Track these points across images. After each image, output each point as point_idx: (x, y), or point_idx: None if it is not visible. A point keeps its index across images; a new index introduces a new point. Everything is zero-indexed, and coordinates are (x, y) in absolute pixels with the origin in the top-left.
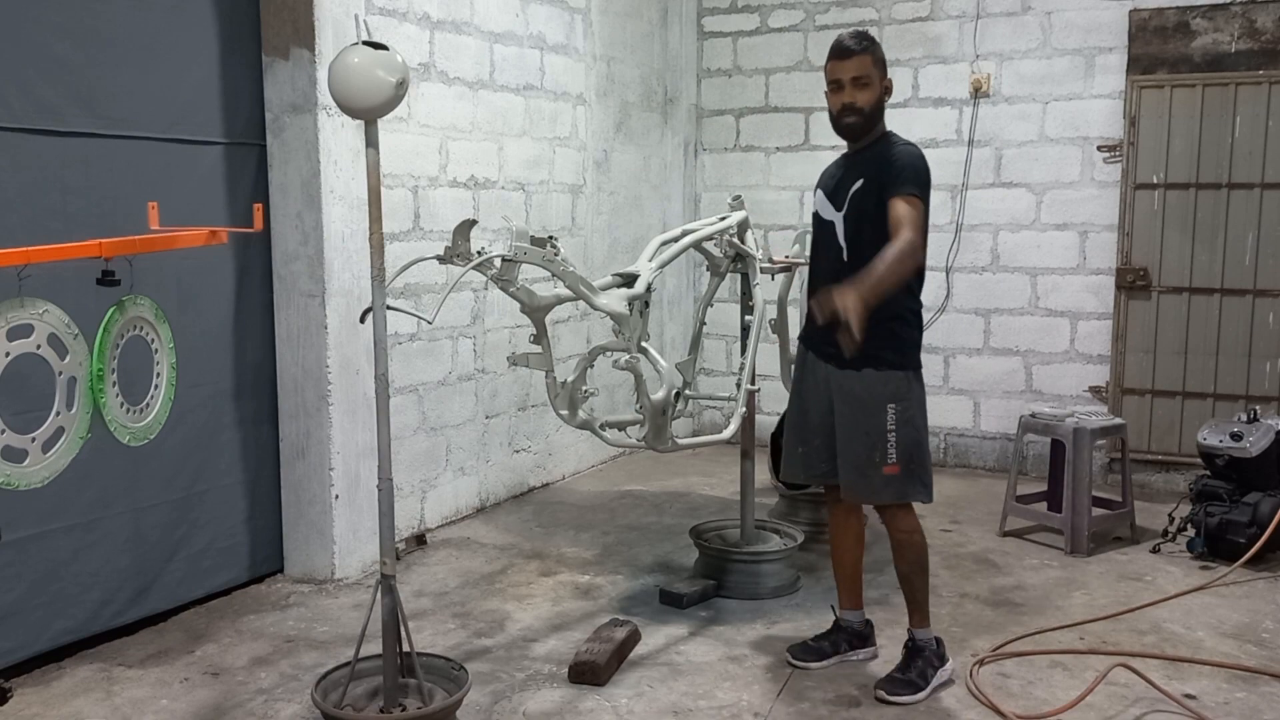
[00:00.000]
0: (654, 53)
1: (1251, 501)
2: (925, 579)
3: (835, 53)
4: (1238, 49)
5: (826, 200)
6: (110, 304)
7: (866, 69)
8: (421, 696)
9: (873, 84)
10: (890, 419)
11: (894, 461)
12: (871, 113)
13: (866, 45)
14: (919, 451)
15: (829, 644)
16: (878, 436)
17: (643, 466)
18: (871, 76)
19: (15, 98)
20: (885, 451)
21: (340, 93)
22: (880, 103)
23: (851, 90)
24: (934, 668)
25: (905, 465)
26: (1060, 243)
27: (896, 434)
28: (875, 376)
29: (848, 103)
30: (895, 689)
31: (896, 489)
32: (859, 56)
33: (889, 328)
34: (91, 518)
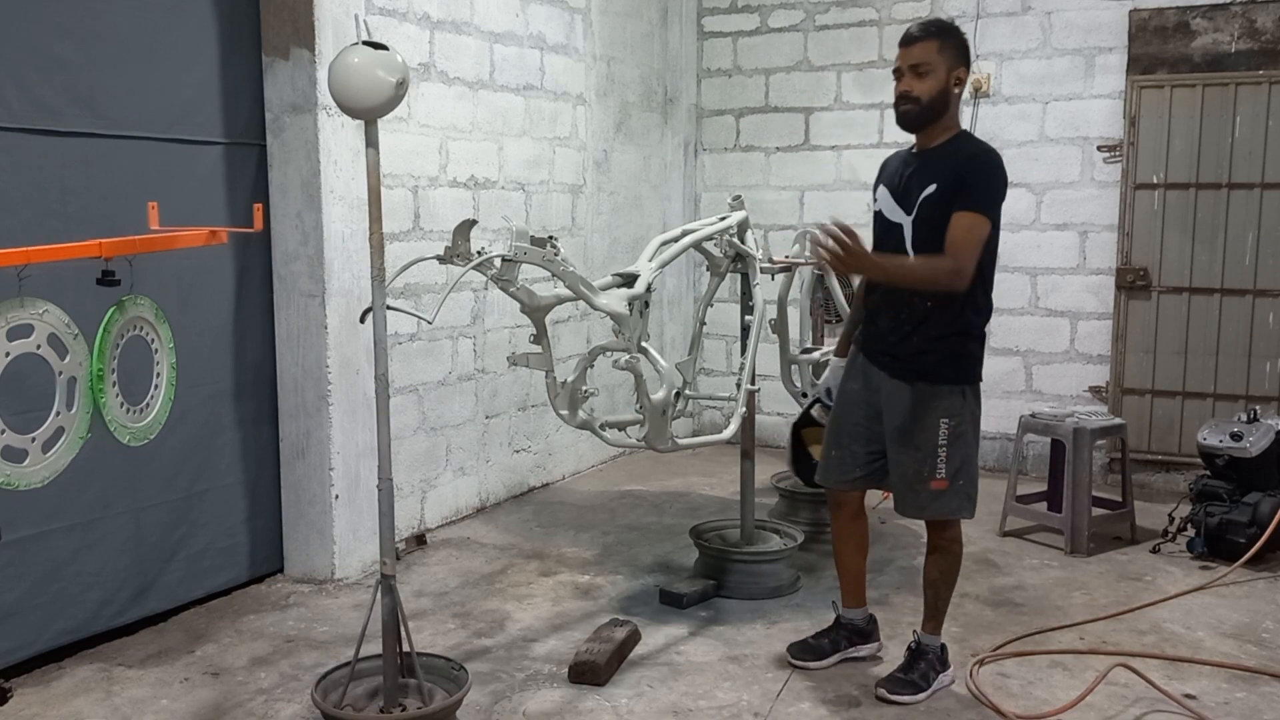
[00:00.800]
0: (654, 53)
1: (1251, 501)
2: (951, 590)
3: (901, 40)
4: (1238, 49)
5: (894, 201)
6: (110, 304)
7: (929, 56)
8: (421, 696)
9: (936, 73)
10: (943, 434)
11: (942, 476)
12: (931, 104)
13: (934, 32)
14: (968, 468)
15: (829, 642)
16: (928, 451)
17: (643, 466)
18: (935, 65)
19: (15, 98)
20: (935, 466)
21: (340, 93)
22: (946, 95)
23: (910, 78)
24: (936, 671)
25: (953, 481)
26: (1060, 243)
27: (948, 449)
28: (929, 390)
29: (904, 91)
30: (897, 688)
31: (943, 504)
32: (922, 43)
33: (949, 343)
34: (91, 518)
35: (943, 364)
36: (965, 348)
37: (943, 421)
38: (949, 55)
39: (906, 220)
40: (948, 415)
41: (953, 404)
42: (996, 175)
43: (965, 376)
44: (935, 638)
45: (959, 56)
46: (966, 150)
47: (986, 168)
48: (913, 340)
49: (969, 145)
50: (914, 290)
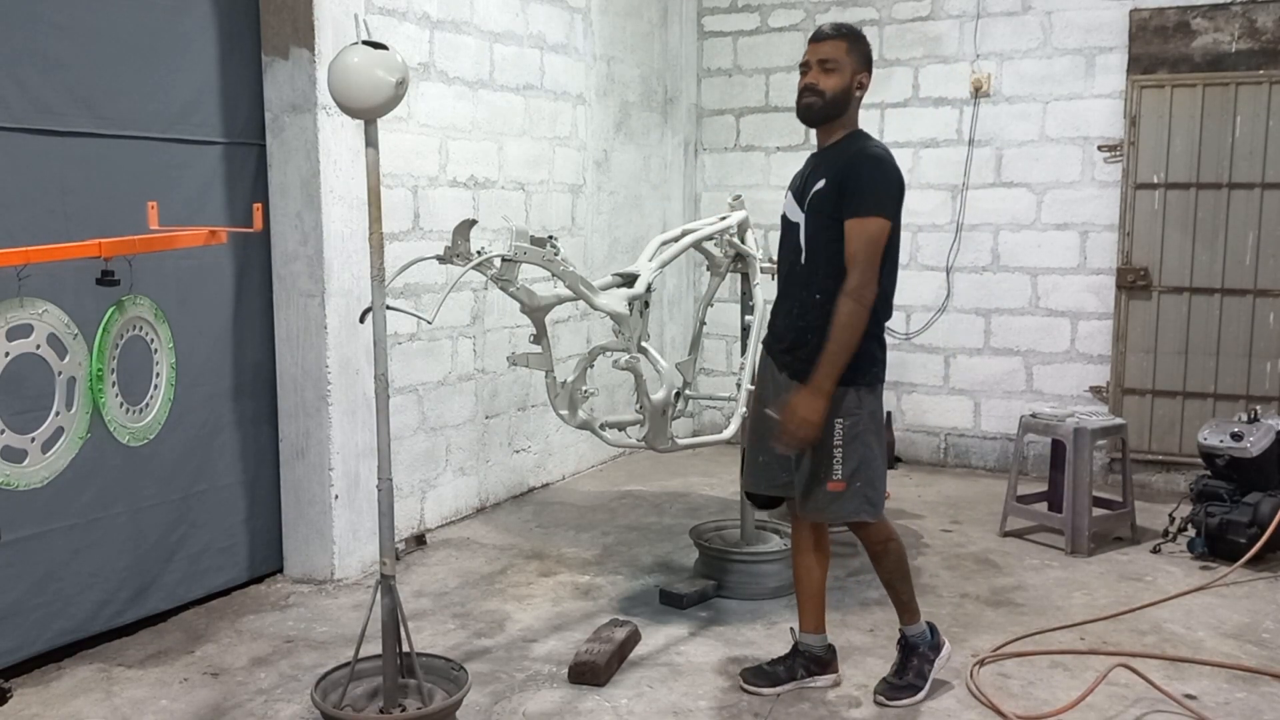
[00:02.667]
0: (654, 52)
1: (1252, 502)
2: (908, 581)
3: (811, 37)
4: (1238, 49)
5: (794, 201)
6: (110, 304)
7: (838, 55)
8: (421, 697)
9: (841, 71)
10: (838, 435)
11: (839, 478)
12: (833, 99)
13: (845, 33)
14: (866, 469)
15: (784, 669)
16: (824, 452)
17: (643, 466)
18: (841, 64)
19: (15, 98)
20: (830, 467)
21: (340, 93)
22: (847, 94)
23: (817, 72)
24: (929, 661)
25: (850, 482)
26: (1061, 243)
27: (844, 450)
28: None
29: (810, 83)
30: (895, 694)
31: (840, 507)
32: (832, 41)
33: None
34: (91, 518)
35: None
36: (862, 347)
37: (837, 422)
38: (855, 58)
39: (802, 217)
40: (842, 415)
41: (848, 404)
42: (881, 172)
43: (861, 377)
44: (917, 624)
45: (864, 62)
46: (853, 147)
47: (871, 167)
48: (809, 340)
49: (857, 142)
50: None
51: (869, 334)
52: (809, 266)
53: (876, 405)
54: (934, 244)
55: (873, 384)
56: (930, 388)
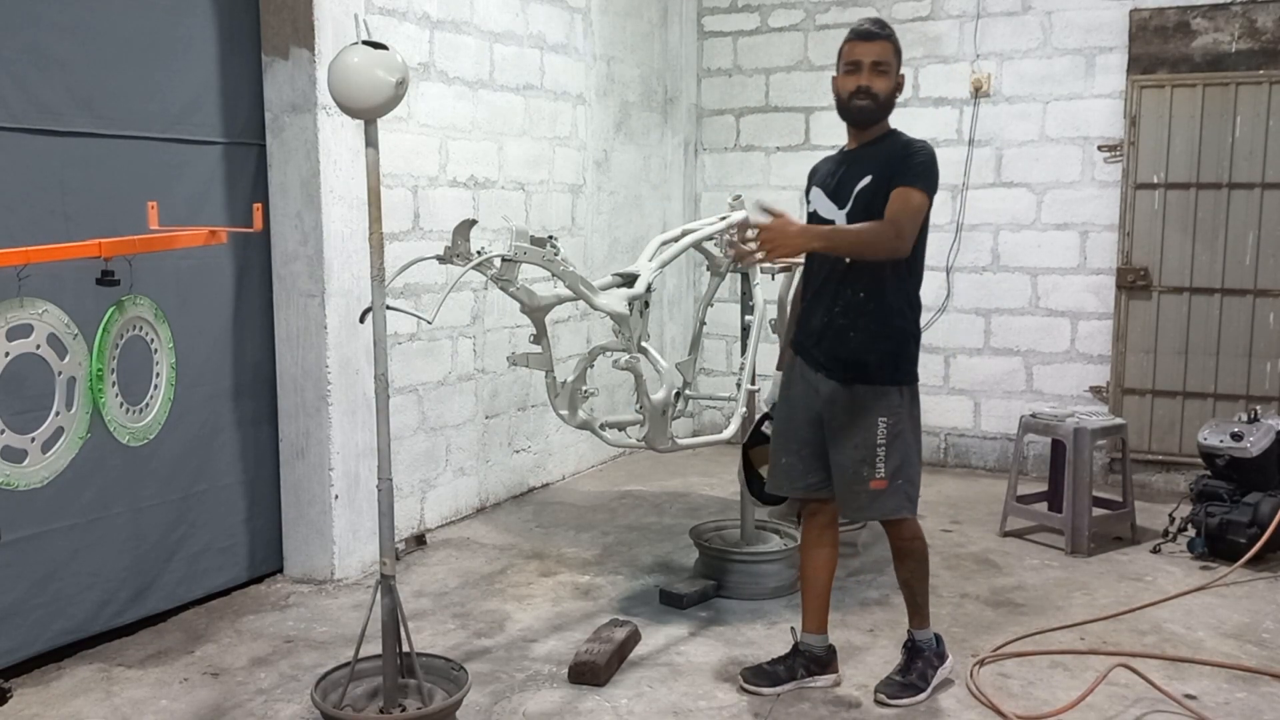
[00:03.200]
0: (654, 52)
1: (1252, 502)
2: (926, 583)
3: (857, 35)
4: (1238, 49)
5: (827, 198)
6: (110, 304)
7: (888, 56)
8: (421, 697)
9: (890, 73)
10: (881, 434)
11: (881, 476)
12: (885, 102)
13: (890, 34)
14: (907, 467)
15: (784, 669)
16: (867, 451)
17: (643, 466)
18: (891, 65)
19: (15, 98)
20: (874, 466)
21: (340, 93)
22: (894, 95)
23: (870, 74)
24: (934, 667)
25: (892, 480)
26: (1061, 243)
27: (886, 449)
28: (867, 391)
29: (864, 85)
30: (896, 693)
31: (883, 504)
32: (882, 41)
33: (887, 344)
34: (91, 518)
35: (882, 364)
36: (904, 348)
37: (881, 421)
38: (898, 58)
39: (840, 214)
40: (886, 414)
41: (890, 403)
42: (933, 162)
43: (903, 377)
44: (926, 630)
45: (901, 60)
46: (902, 141)
47: (925, 154)
48: (850, 339)
49: (901, 137)
50: (844, 282)
51: (909, 333)
52: (855, 266)
53: (916, 406)
54: (934, 244)
55: (912, 383)
56: (930, 388)
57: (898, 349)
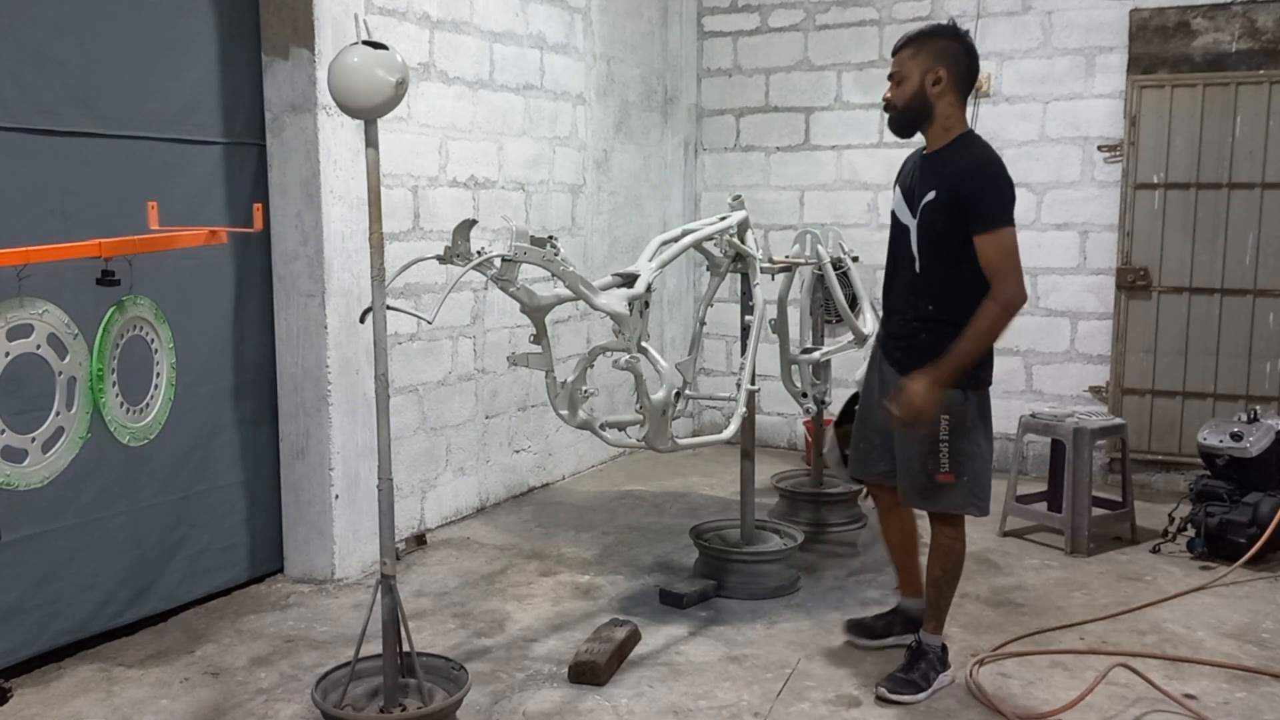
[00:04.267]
0: (654, 52)
1: (1252, 501)
2: (954, 590)
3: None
4: (1238, 49)
5: (904, 203)
6: (110, 304)
7: (902, 64)
8: (421, 696)
9: (910, 79)
10: (944, 429)
11: (948, 470)
12: (906, 108)
13: (912, 39)
14: (974, 465)
15: (883, 624)
16: (930, 444)
17: (643, 466)
18: (907, 71)
19: (15, 98)
20: (938, 460)
21: (340, 92)
22: (922, 97)
23: (890, 86)
24: (935, 671)
25: (959, 476)
26: (1061, 242)
27: (950, 444)
28: None
29: (885, 99)
30: (897, 687)
31: (949, 498)
32: (900, 52)
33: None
34: (91, 518)
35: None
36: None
37: (943, 418)
38: (924, 58)
39: (913, 223)
40: (948, 412)
41: (953, 401)
42: (999, 182)
43: (968, 381)
44: (936, 637)
45: (938, 57)
46: (963, 159)
47: (988, 180)
48: (921, 340)
49: (966, 151)
50: (915, 293)
51: None
52: (924, 277)
53: (986, 408)
54: None
55: (979, 386)
56: None
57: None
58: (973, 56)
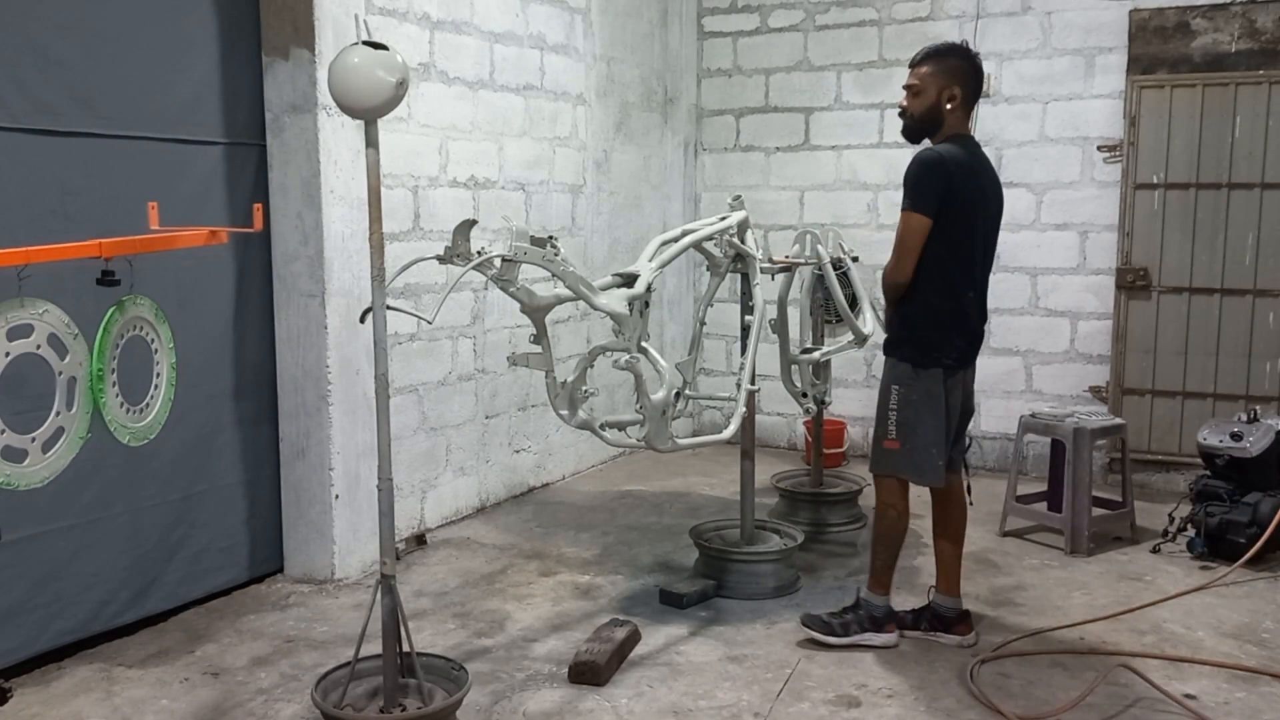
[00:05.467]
0: (654, 53)
1: (1252, 501)
2: (887, 551)
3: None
4: (1238, 49)
5: None
6: (110, 304)
7: (921, 79)
8: (421, 696)
9: (926, 92)
10: (893, 399)
11: (894, 437)
12: (921, 118)
13: (929, 55)
14: (918, 437)
15: (911, 617)
16: (882, 413)
17: (643, 466)
18: (925, 86)
19: (15, 98)
20: (887, 427)
21: (340, 93)
22: (936, 111)
23: (907, 96)
24: (863, 628)
25: (904, 443)
26: (1060, 243)
27: (897, 414)
28: (889, 362)
29: (901, 106)
30: (813, 623)
31: (891, 462)
32: (918, 68)
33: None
34: (91, 518)
35: (901, 342)
36: (918, 332)
37: (894, 388)
38: (941, 77)
39: None
40: (898, 383)
41: (902, 374)
42: (919, 176)
43: (917, 359)
44: (876, 596)
45: (953, 76)
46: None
47: (912, 170)
48: (891, 319)
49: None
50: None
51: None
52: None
53: (937, 386)
54: None
55: (928, 365)
56: None
57: (919, 332)
58: (980, 76)
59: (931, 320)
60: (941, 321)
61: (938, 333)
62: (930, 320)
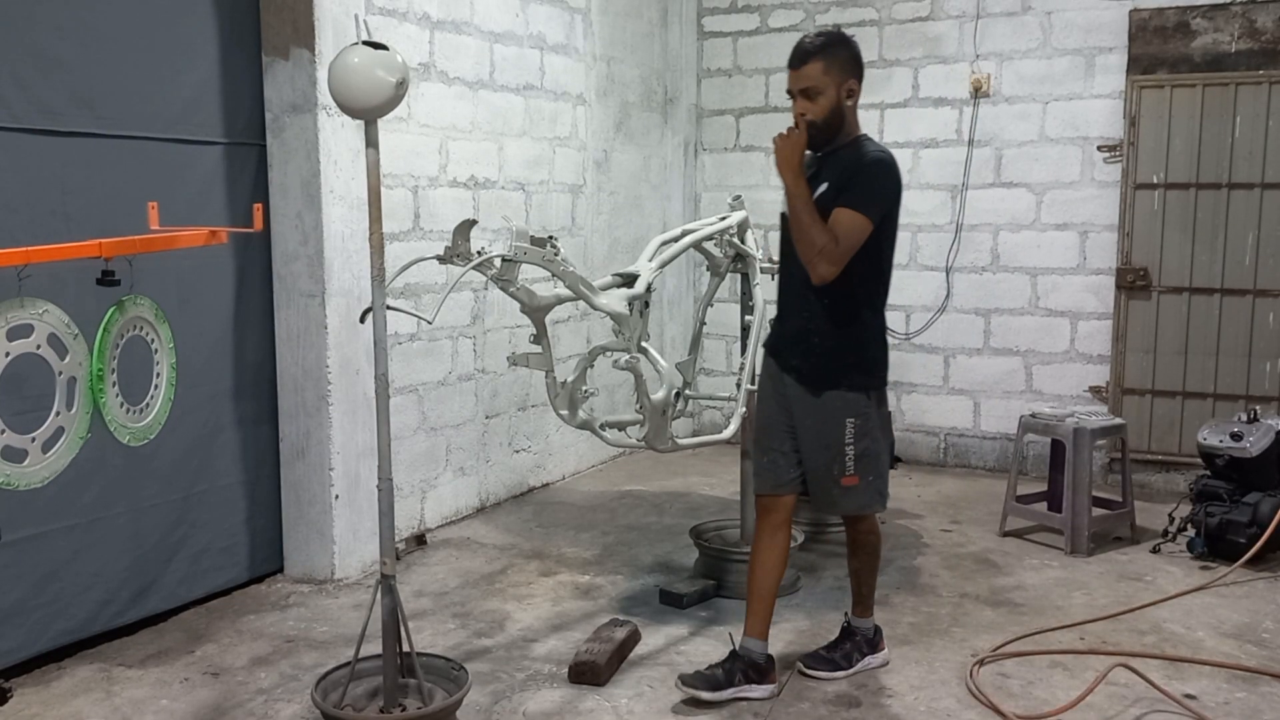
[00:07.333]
0: (654, 53)
1: (1251, 501)
2: (875, 576)
3: (788, 61)
4: (1238, 49)
5: None
6: (110, 304)
7: (816, 78)
8: (421, 696)
9: (825, 92)
10: (849, 433)
11: (852, 473)
12: (827, 123)
13: (817, 50)
14: (877, 464)
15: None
16: (836, 450)
17: (643, 466)
18: (823, 85)
19: (15, 98)
20: (844, 464)
21: (340, 93)
22: (839, 111)
23: (803, 101)
24: (862, 653)
25: (863, 477)
26: (1060, 243)
27: (854, 447)
28: (834, 396)
29: (799, 114)
30: (816, 665)
31: (854, 500)
32: (808, 65)
33: (851, 351)
34: (91, 518)
35: (848, 371)
36: (867, 353)
37: (848, 421)
38: (837, 71)
39: None
40: (853, 415)
41: (857, 405)
42: (881, 180)
43: (870, 383)
44: (865, 620)
45: (847, 69)
46: (860, 153)
47: (873, 172)
48: (815, 343)
49: (864, 149)
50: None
51: (871, 338)
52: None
53: (884, 405)
54: (934, 244)
55: (879, 387)
56: (930, 388)
57: (862, 356)
58: (863, 63)
59: (877, 338)
60: (882, 338)
61: (882, 351)
62: (876, 338)
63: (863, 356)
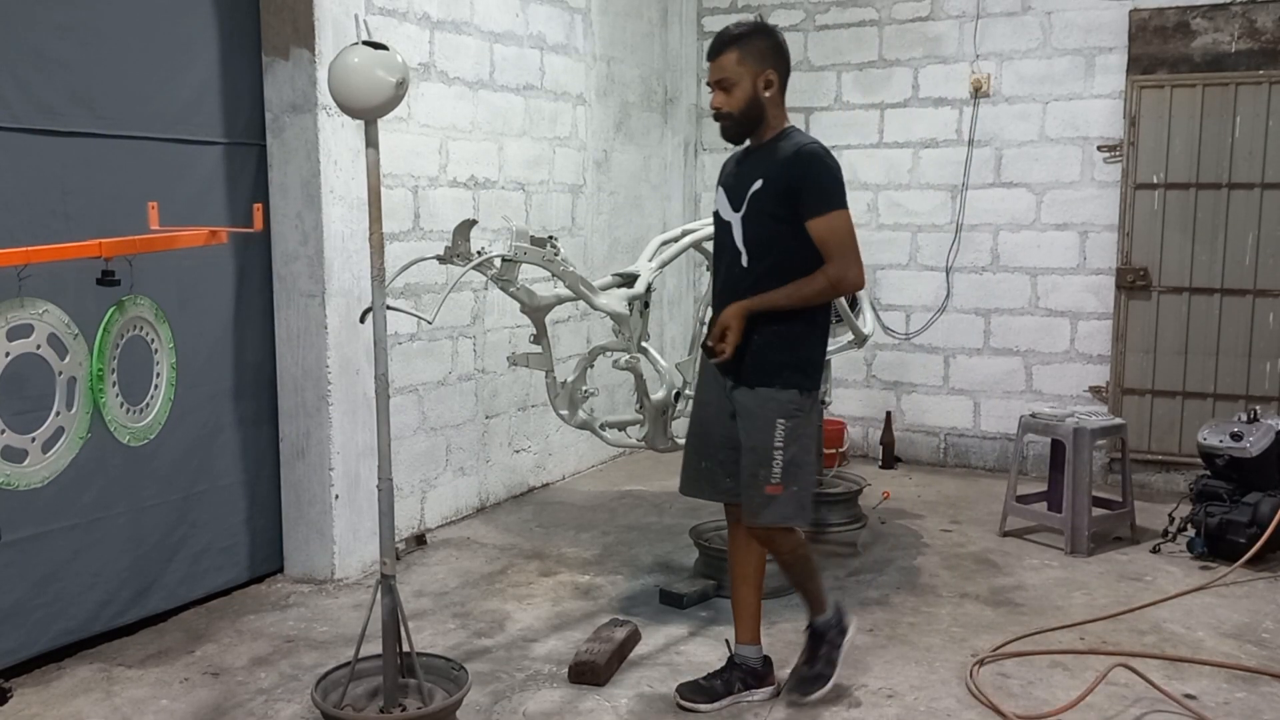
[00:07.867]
0: (654, 53)
1: (1252, 501)
2: (816, 577)
3: (707, 52)
4: (1238, 49)
5: (725, 199)
6: (110, 304)
7: (730, 69)
8: (421, 696)
9: (741, 84)
10: (779, 436)
11: (777, 481)
12: (743, 115)
13: (730, 41)
14: (804, 474)
15: (721, 683)
16: (764, 454)
17: (643, 466)
18: (737, 76)
19: (15, 98)
20: (770, 469)
21: (340, 93)
22: (757, 102)
23: (718, 94)
24: (837, 647)
25: (787, 486)
26: (1060, 243)
27: (783, 452)
28: (768, 393)
29: (716, 107)
30: (806, 688)
31: (775, 511)
32: (722, 56)
33: (788, 344)
34: (91, 518)
35: (781, 367)
36: (801, 352)
37: (779, 423)
38: (752, 61)
39: (736, 217)
40: (785, 416)
41: (790, 406)
42: (825, 173)
43: (806, 381)
44: (824, 613)
45: (764, 59)
46: (789, 147)
47: (818, 167)
48: (754, 341)
49: (792, 140)
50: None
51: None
52: (751, 269)
53: (817, 413)
54: (934, 244)
55: (814, 389)
56: (930, 388)
57: (802, 353)
58: (787, 53)
59: (817, 336)
60: (822, 336)
61: (819, 350)
62: (816, 336)
63: (798, 355)
